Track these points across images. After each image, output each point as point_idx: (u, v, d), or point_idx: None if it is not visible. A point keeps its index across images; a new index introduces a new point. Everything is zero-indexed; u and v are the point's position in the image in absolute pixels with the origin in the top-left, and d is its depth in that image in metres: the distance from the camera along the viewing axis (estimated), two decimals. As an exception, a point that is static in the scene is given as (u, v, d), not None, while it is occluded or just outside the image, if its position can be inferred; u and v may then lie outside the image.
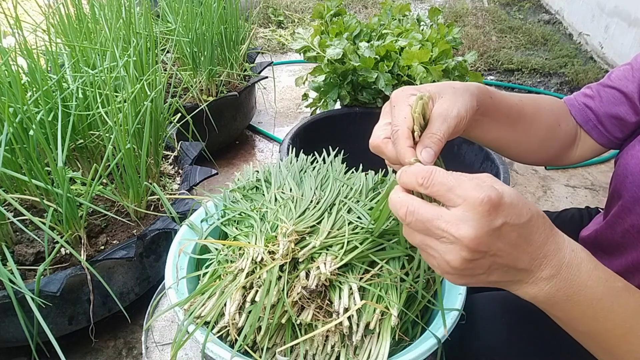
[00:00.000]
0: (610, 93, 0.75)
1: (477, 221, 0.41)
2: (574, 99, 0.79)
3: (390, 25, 1.78)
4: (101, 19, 1.45)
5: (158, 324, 0.91)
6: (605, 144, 0.77)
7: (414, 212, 0.44)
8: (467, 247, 0.42)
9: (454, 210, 0.43)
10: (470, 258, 0.43)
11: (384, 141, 0.54)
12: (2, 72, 1.08)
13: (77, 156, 1.30)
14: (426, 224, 0.44)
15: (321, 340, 0.66)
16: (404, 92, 0.56)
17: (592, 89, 0.78)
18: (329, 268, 0.66)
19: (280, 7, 3.70)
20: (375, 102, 1.68)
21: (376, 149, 0.55)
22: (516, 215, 0.43)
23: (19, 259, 1.07)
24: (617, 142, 0.76)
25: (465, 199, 0.42)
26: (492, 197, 0.41)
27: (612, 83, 0.75)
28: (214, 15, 1.80)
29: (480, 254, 0.43)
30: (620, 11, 2.83)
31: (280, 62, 2.99)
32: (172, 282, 0.76)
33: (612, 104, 0.74)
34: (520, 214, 0.43)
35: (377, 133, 0.55)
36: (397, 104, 0.54)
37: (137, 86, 1.18)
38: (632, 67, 0.73)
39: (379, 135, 0.54)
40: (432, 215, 0.43)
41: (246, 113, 2.09)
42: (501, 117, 0.67)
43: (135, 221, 1.21)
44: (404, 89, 0.56)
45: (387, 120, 0.55)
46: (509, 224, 0.43)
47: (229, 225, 0.84)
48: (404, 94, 0.55)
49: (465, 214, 0.42)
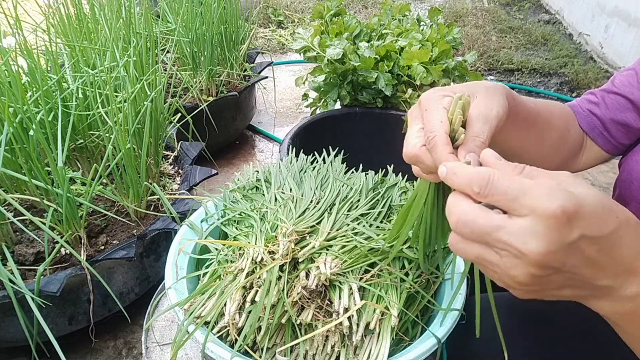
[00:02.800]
0: (616, 100, 0.73)
1: (548, 235, 0.35)
2: (578, 105, 0.78)
3: (390, 25, 1.78)
4: (101, 19, 1.45)
5: (158, 324, 0.91)
6: (610, 150, 0.76)
7: (468, 222, 0.39)
8: (536, 263, 0.36)
9: (519, 221, 0.37)
10: (539, 275, 0.37)
11: (422, 150, 0.47)
12: (2, 72, 1.08)
13: (77, 156, 1.30)
14: (485, 236, 0.38)
15: (321, 340, 0.66)
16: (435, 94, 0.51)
17: (596, 95, 0.77)
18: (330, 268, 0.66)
19: (280, 7, 3.69)
20: (375, 102, 1.68)
21: (414, 158, 0.48)
22: (597, 227, 0.37)
23: (19, 259, 1.07)
24: (622, 148, 0.75)
25: (533, 210, 0.36)
26: (567, 207, 0.35)
27: (617, 89, 0.74)
28: (214, 15, 1.80)
29: (551, 270, 0.37)
30: (620, 11, 2.83)
31: (280, 62, 2.99)
32: (172, 282, 0.76)
33: (617, 110, 0.73)
34: (603, 225, 0.37)
35: (412, 141, 0.49)
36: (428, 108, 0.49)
37: (137, 86, 1.18)
38: (636, 72, 0.72)
39: (416, 143, 0.48)
40: (492, 226, 0.38)
41: (246, 113, 2.09)
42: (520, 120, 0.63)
43: (135, 221, 1.21)
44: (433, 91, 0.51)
45: (420, 126, 0.49)
46: (588, 237, 0.36)
47: (229, 225, 0.84)
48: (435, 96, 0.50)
49: (533, 226, 0.36)
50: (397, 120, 1.64)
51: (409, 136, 0.50)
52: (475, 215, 0.38)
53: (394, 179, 0.95)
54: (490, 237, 0.38)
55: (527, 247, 0.36)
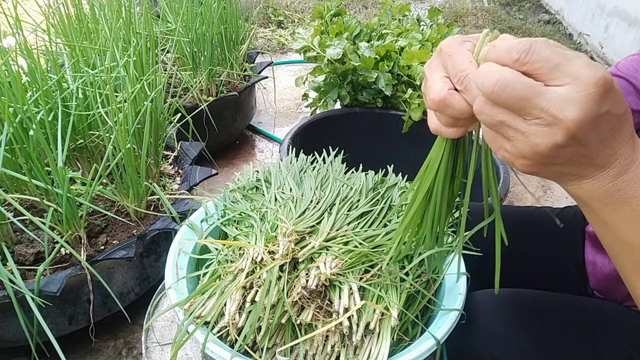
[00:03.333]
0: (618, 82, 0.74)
1: (588, 104, 0.37)
2: None
3: (390, 25, 1.78)
4: (101, 19, 1.45)
5: (158, 324, 0.91)
6: None
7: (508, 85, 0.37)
8: (568, 131, 0.37)
9: (560, 89, 0.37)
10: (562, 144, 0.38)
11: (450, 93, 0.44)
12: (2, 72, 1.08)
13: (77, 156, 1.30)
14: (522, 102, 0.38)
15: (321, 340, 0.66)
16: (455, 40, 0.47)
17: None
18: (330, 268, 0.66)
19: (280, 7, 3.70)
20: (375, 102, 1.68)
21: (441, 103, 0.45)
22: (619, 105, 0.39)
23: (19, 259, 1.07)
24: None
25: (576, 78, 0.37)
26: (608, 79, 0.37)
27: (619, 72, 0.75)
28: (214, 15, 1.80)
29: (574, 141, 0.38)
30: (620, 11, 2.83)
31: (280, 62, 2.99)
32: (172, 282, 0.76)
33: None
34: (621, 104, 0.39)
35: (438, 87, 0.45)
36: (452, 53, 0.46)
37: (137, 86, 1.18)
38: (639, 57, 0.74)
39: (442, 87, 0.45)
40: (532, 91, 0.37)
41: (246, 113, 2.09)
42: None
43: (135, 221, 1.21)
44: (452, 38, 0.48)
45: (443, 74, 0.46)
46: (611, 113, 0.38)
47: (229, 225, 0.84)
48: (456, 41, 0.47)
49: (575, 94, 0.36)
50: (397, 120, 1.64)
51: (433, 83, 0.46)
52: (516, 79, 0.38)
53: (394, 179, 0.95)
54: (527, 103, 0.38)
55: (565, 114, 0.37)
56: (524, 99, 0.38)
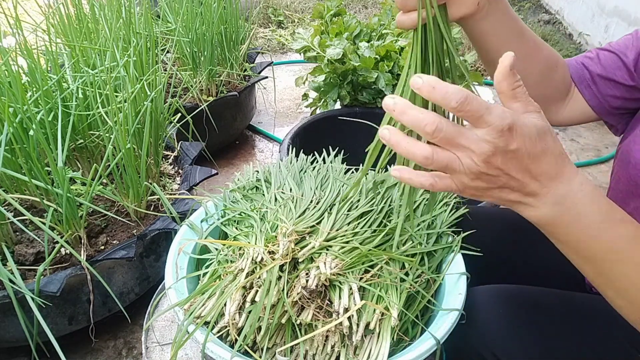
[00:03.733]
0: (610, 57, 0.78)
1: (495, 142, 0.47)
2: (574, 58, 0.83)
3: (390, 25, 1.78)
4: (101, 19, 1.45)
5: (158, 324, 0.91)
6: (595, 106, 0.79)
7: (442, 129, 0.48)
8: (485, 161, 0.48)
9: (479, 131, 0.48)
10: (485, 172, 0.49)
11: None
12: (2, 72, 1.08)
13: (77, 156, 1.30)
14: (452, 141, 0.48)
15: (321, 340, 0.66)
16: None
17: (592, 52, 0.81)
18: (330, 268, 0.66)
19: (280, 7, 3.70)
20: (375, 102, 1.68)
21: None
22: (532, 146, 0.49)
23: (19, 259, 1.07)
24: (607, 108, 0.79)
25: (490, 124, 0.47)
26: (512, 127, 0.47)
27: (612, 48, 0.78)
28: (214, 15, 1.80)
29: (496, 171, 0.49)
30: (620, 11, 2.83)
31: (280, 62, 2.99)
32: (172, 282, 0.76)
33: (609, 67, 0.77)
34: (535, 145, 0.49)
35: None
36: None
37: (137, 86, 1.18)
38: (632, 36, 0.77)
39: None
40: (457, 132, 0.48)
41: (246, 113, 2.09)
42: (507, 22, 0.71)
43: (135, 221, 1.21)
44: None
45: None
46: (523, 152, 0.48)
47: (229, 225, 0.84)
48: None
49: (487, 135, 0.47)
50: (397, 120, 1.64)
51: None
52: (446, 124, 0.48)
53: (393, 179, 0.95)
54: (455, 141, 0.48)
55: (480, 149, 0.48)
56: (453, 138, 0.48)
